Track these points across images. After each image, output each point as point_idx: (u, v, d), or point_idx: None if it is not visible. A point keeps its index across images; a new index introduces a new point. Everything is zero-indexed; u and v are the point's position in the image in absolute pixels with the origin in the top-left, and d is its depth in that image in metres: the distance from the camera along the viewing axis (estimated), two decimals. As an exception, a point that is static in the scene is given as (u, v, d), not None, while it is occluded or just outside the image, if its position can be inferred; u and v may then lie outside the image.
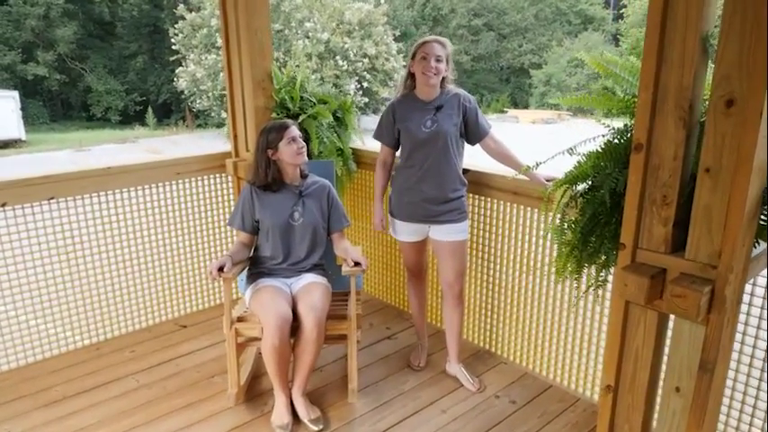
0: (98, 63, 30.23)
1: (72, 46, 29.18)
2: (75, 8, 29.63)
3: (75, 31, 29.08)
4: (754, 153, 1.30)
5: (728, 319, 1.45)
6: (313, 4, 22.11)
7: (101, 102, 29.12)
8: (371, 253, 3.45)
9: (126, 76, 30.40)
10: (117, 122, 28.82)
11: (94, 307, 2.96)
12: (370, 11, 22.28)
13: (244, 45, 2.97)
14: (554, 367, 2.60)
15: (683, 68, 1.40)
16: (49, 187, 2.70)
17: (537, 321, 2.61)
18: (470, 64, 37.61)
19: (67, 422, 2.33)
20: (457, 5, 37.64)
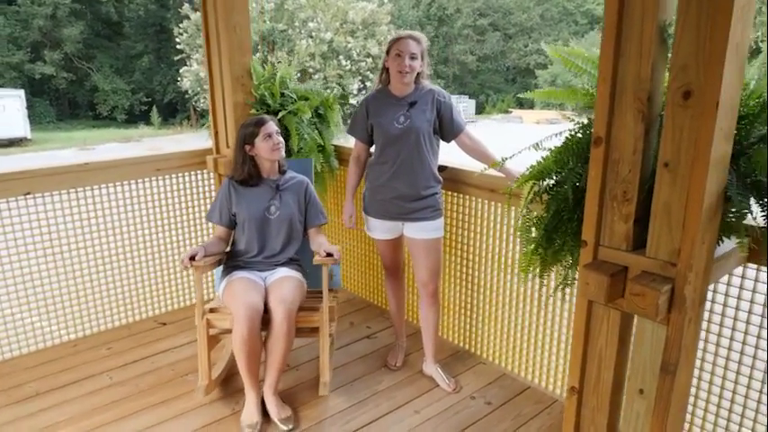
0: (105, 62, 30.39)
1: (79, 45, 29.35)
2: (82, 8, 29.79)
3: (82, 30, 29.24)
4: (711, 146, 1.25)
5: (690, 319, 1.41)
6: (317, 3, 22.10)
7: (107, 101, 29.27)
8: (354, 251, 3.41)
9: (132, 76, 30.54)
10: (123, 121, 28.97)
11: (72, 303, 2.94)
12: (373, 10, 22.26)
13: (223, 42, 2.94)
14: (532, 368, 2.55)
15: (640, 59, 1.35)
16: (25, 182, 2.69)
17: (515, 321, 2.57)
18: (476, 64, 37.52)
19: (38, 419, 2.31)
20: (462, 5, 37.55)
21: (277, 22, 21.47)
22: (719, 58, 1.21)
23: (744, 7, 1.21)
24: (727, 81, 1.23)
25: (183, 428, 2.25)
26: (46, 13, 28.15)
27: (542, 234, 1.68)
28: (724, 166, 1.34)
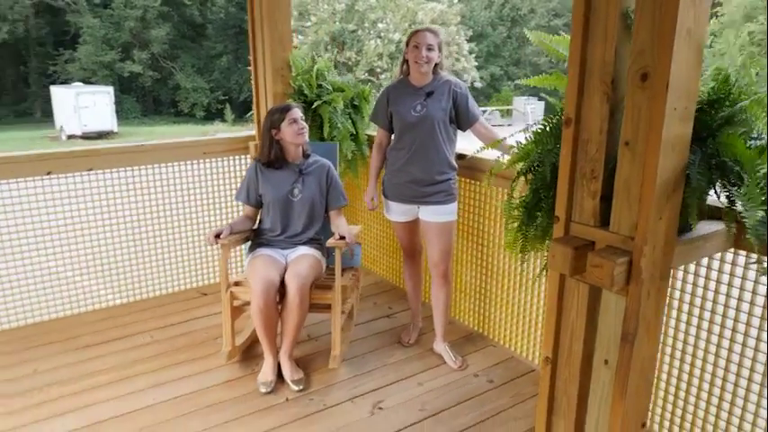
0: (187, 62, 32.10)
1: (165, 46, 31.18)
2: (169, 11, 31.63)
3: (168, 32, 31.05)
4: (663, 125, 1.32)
5: (649, 292, 1.47)
6: (387, 4, 22.43)
7: (188, 98, 30.92)
8: (382, 237, 3.58)
9: (211, 75, 32.09)
10: (201, 118, 30.48)
11: (125, 271, 3.28)
12: (443, 11, 22.33)
13: (266, 37, 3.18)
14: (537, 352, 2.62)
15: (605, 44, 1.44)
16: (88, 160, 3.04)
17: (525, 306, 2.65)
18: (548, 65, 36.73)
19: (87, 365, 2.63)
20: (537, 6, 36.85)
21: (347, 22, 21.97)
22: (669, 42, 1.28)
23: (695, -8, 1.28)
24: (679, 64, 1.30)
25: (209, 382, 2.49)
26: (136, 15, 30.11)
27: (523, 212, 1.78)
28: (681, 146, 1.40)
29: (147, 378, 2.53)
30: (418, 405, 2.34)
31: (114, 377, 2.53)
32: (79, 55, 29.41)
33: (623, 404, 1.56)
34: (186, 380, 2.51)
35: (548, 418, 1.81)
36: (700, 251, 1.64)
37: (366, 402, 2.36)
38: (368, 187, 2.80)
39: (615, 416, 1.59)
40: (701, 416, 1.99)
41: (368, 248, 3.78)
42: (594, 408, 1.67)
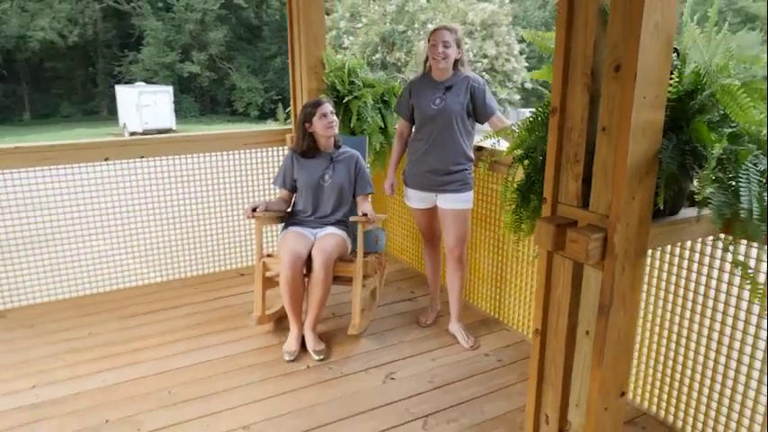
0: (243, 63, 33.14)
1: (222, 47, 32.32)
2: (227, 13, 32.76)
3: (225, 34, 32.18)
4: (632, 112, 1.45)
5: (624, 267, 1.60)
6: (438, 5, 22.52)
7: (243, 98, 31.92)
8: (409, 226, 3.75)
9: (266, 75, 33.02)
10: (255, 117, 31.41)
11: (171, 251, 3.60)
12: (494, 11, 22.23)
13: (302, 36, 3.42)
14: (547, 335, 2.73)
15: (585, 39, 1.58)
16: (141, 148, 3.37)
17: (536, 291, 2.77)
18: (604, 66, 35.77)
19: (134, 331, 2.94)
20: (593, 5, 36.00)
21: (398, 23, 22.20)
22: (637, 35, 1.41)
23: (662, -9, 1.41)
24: (647, 55, 1.43)
25: (240, 349, 2.75)
26: (196, 18, 31.36)
27: (518, 195, 1.93)
28: (653, 132, 1.52)
29: (186, 343, 2.80)
30: (428, 377, 2.51)
31: (157, 342, 2.82)
32: (142, 56, 30.90)
33: (601, 372, 1.69)
34: (220, 346, 2.77)
35: (538, 386, 1.95)
36: (682, 233, 1.75)
37: (380, 373, 2.55)
38: (388, 174, 2.99)
39: (594, 383, 1.72)
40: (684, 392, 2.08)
41: (396, 237, 3.97)
42: (578, 376, 1.80)
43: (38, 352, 2.74)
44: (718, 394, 1.99)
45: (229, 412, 2.26)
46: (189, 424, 2.18)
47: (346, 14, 23.09)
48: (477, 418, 2.22)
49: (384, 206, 3.94)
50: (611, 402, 1.74)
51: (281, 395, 2.37)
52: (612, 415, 1.76)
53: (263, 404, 2.31)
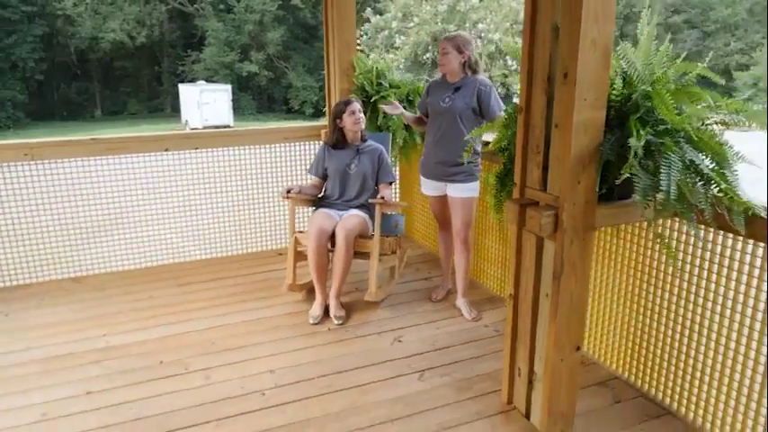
0: (299, 62, 34.11)
1: (279, 47, 33.40)
2: (284, 14, 33.83)
3: (282, 34, 33.24)
4: (574, 111, 1.79)
5: (573, 240, 1.93)
6: (490, 4, 22.59)
7: (298, 96, 32.87)
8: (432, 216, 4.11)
9: (320, 74, 33.81)
10: (309, 115, 32.30)
11: (219, 232, 4.11)
12: (546, 10, 22.04)
13: (336, 42, 3.85)
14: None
15: (544, 51, 1.92)
16: (194, 141, 3.90)
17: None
18: (664, 64, 34.74)
19: (187, 296, 3.45)
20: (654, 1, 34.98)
21: (449, 23, 22.43)
22: (576, 49, 1.75)
23: (598, 14, 1.74)
24: (585, 65, 1.77)
25: (273, 313, 3.20)
26: (255, 18, 32.54)
27: (497, 181, 2.29)
28: (594, 128, 1.85)
29: (228, 307, 3.29)
30: (431, 341, 2.89)
31: (205, 305, 3.31)
32: (204, 56, 32.36)
33: (555, 328, 2.03)
34: (256, 310, 3.24)
35: (512, 344, 2.30)
36: (631, 215, 2.05)
37: (389, 336, 2.95)
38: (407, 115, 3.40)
39: (550, 337, 2.06)
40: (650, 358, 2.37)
41: (419, 226, 4.35)
42: (542, 334, 2.14)
43: (107, 309, 3.29)
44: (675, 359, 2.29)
45: (259, 360, 2.71)
46: (226, 367, 2.65)
47: (398, 14, 23.51)
48: (468, 374, 2.58)
49: (411, 197, 4.33)
50: (566, 354, 2.07)
51: (303, 349, 2.81)
52: (568, 365, 2.09)
53: (287, 355, 2.75)
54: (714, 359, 2.12)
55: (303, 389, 2.47)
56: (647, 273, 2.35)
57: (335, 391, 2.46)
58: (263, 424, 2.24)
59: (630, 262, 2.43)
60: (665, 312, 2.30)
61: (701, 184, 1.83)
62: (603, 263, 2.56)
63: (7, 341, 2.92)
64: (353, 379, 2.55)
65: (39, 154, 3.49)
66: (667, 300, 2.28)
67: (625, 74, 1.89)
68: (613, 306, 2.56)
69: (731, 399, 2.07)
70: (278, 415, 2.29)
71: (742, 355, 2.01)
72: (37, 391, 2.48)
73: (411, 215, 4.45)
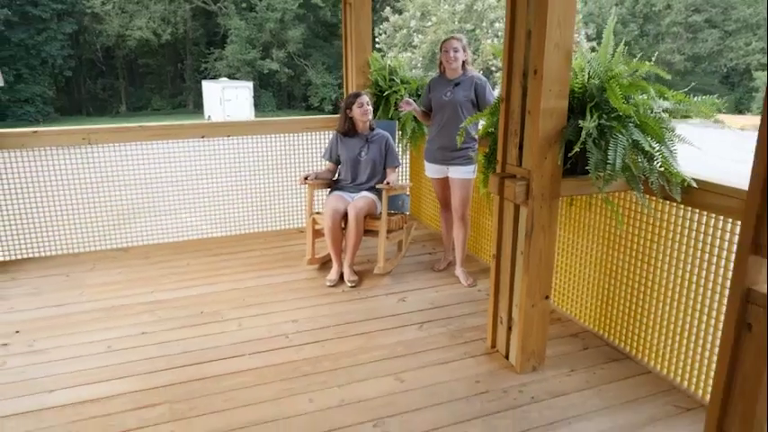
0: (318, 60, 34.67)
1: (299, 45, 33.98)
2: (305, 12, 34.41)
3: (302, 32, 33.83)
4: (540, 100, 2.23)
5: (541, 205, 2.38)
6: (507, 4, 22.82)
7: (317, 93, 33.44)
8: (438, 198, 4.57)
9: (339, 72, 34.40)
10: (328, 111, 32.84)
11: (245, 212, 4.61)
12: (563, 9, 22.27)
13: (354, 42, 4.32)
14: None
15: (520, 51, 2.36)
16: (227, 129, 4.39)
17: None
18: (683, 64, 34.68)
19: (220, 264, 3.95)
20: (674, 1, 34.87)
21: (466, 22, 22.78)
22: (542, 50, 2.19)
23: (560, 20, 2.17)
24: (550, 63, 2.20)
25: (294, 278, 3.68)
26: (276, 17, 33.15)
27: (485, 159, 2.73)
28: (558, 114, 2.28)
29: (255, 273, 3.78)
30: (429, 300, 3.34)
31: (234, 271, 3.81)
32: (226, 53, 33.09)
33: (527, 279, 2.47)
34: (280, 276, 3.73)
35: (495, 297, 2.75)
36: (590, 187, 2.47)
37: (395, 296, 3.41)
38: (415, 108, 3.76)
39: (522, 287, 2.50)
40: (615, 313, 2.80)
41: (425, 208, 4.80)
42: (517, 286, 2.58)
43: (152, 273, 3.80)
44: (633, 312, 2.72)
45: (283, 312, 3.19)
46: (255, 317, 3.13)
47: (417, 14, 23.91)
48: (460, 327, 3.04)
49: (418, 182, 4.78)
50: (537, 301, 2.52)
51: (320, 305, 3.29)
52: (539, 311, 2.54)
53: (306, 309, 3.23)
54: (663, 310, 2.54)
55: (320, 334, 2.95)
56: (612, 240, 2.78)
57: (347, 336, 2.93)
58: (287, 357, 2.71)
59: (599, 231, 2.86)
60: (626, 273, 2.73)
61: (646, 159, 2.27)
62: (578, 233, 3.00)
63: (72, 295, 3.44)
64: (362, 328, 3.02)
65: (95, 139, 4.01)
66: (627, 262, 2.71)
67: (586, 72, 2.33)
68: (585, 270, 2.99)
69: (675, 343, 2.49)
70: (299, 352, 2.77)
71: (683, 306, 2.43)
72: (102, 331, 2.99)
73: (418, 199, 4.91)
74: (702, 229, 2.32)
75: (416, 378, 2.55)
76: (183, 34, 35.49)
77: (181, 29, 35.10)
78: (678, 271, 2.45)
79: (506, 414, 2.30)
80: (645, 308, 2.64)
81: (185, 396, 2.41)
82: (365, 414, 2.29)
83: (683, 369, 2.47)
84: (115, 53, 34.89)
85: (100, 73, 35.93)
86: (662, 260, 2.52)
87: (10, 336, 2.95)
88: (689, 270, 2.40)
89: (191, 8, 35.01)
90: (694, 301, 2.39)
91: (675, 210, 2.43)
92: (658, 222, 2.52)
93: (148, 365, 2.65)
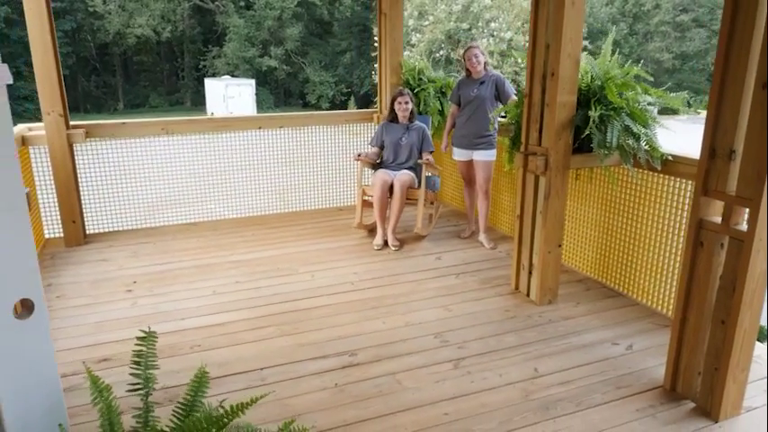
0: (315, 58, 35.29)
1: (297, 43, 34.57)
2: (302, 10, 35.03)
3: (300, 30, 34.44)
4: (557, 95, 3.01)
5: (556, 175, 3.16)
6: (502, 4, 23.66)
7: (315, 91, 34.08)
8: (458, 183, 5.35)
9: (336, 70, 35.08)
10: (325, 109, 33.57)
11: (300, 192, 5.37)
12: (556, 10, 23.09)
13: (388, 46, 5.09)
14: (540, 241, 4.28)
15: (540, 59, 3.14)
16: (280, 121, 5.15)
17: (534, 214, 4.31)
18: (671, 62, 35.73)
19: (281, 234, 4.71)
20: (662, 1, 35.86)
21: (462, 21, 23.56)
22: (558, 59, 2.97)
23: (571, 37, 2.95)
24: (564, 68, 2.98)
25: (346, 243, 4.45)
26: (274, 15, 33.74)
27: (510, 142, 3.52)
28: (569, 106, 3.06)
29: (312, 240, 4.55)
30: (462, 259, 4.13)
31: (294, 239, 4.58)
32: (225, 51, 33.65)
33: (545, 231, 3.25)
34: (333, 242, 4.50)
35: (518, 249, 3.52)
36: (593, 161, 3.26)
37: (432, 256, 4.19)
38: (443, 139, 4.61)
39: (541, 238, 3.28)
40: (613, 263, 3.60)
41: (447, 190, 5.59)
42: (536, 238, 3.36)
43: (224, 241, 4.55)
44: (624, 259, 3.51)
45: (344, 267, 3.96)
46: (323, 270, 3.90)
47: (414, 13, 24.65)
48: (488, 276, 3.82)
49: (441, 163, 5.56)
50: (552, 248, 3.31)
51: (373, 262, 4.06)
52: (553, 257, 3.33)
53: (363, 265, 4.00)
54: (647, 256, 3.33)
55: (377, 281, 3.73)
56: (607, 204, 3.58)
57: (399, 283, 3.71)
58: (356, 297, 3.49)
59: (597, 198, 3.65)
60: (618, 230, 3.52)
61: (634, 140, 3.06)
62: (580, 200, 3.79)
63: (166, 257, 4.19)
64: (411, 277, 3.80)
65: (172, 129, 4.75)
66: (619, 221, 3.50)
67: (590, 74, 3.12)
68: (585, 230, 3.78)
69: (656, 280, 3.29)
70: (364, 293, 3.54)
71: (662, 251, 3.23)
72: (202, 281, 3.74)
73: (444, 184, 5.69)
74: (676, 191, 3.11)
75: (460, 308, 3.33)
76: (181, 32, 35.97)
77: (179, 26, 35.59)
78: (658, 224, 3.24)
79: (532, 329, 3.08)
80: (634, 256, 3.44)
81: (286, 321, 3.18)
82: (426, 330, 3.07)
83: (660, 299, 3.27)
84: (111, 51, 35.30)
85: (94, 70, 36.30)
86: (646, 217, 3.32)
87: (130, 285, 3.69)
88: (666, 223, 3.20)
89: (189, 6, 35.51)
90: (670, 247, 3.19)
91: (656, 178, 3.22)
92: (643, 188, 3.31)
93: (250, 303, 3.41)
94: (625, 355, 2.81)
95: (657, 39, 36.16)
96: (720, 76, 2.15)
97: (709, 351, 2.33)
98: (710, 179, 2.24)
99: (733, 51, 2.11)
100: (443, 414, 2.34)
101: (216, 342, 2.95)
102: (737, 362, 2.24)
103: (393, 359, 2.77)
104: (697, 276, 2.36)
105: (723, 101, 2.16)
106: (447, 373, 2.65)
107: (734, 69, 2.11)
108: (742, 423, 2.29)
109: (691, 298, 2.39)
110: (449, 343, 2.93)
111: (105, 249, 4.38)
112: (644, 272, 3.38)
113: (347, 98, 32.71)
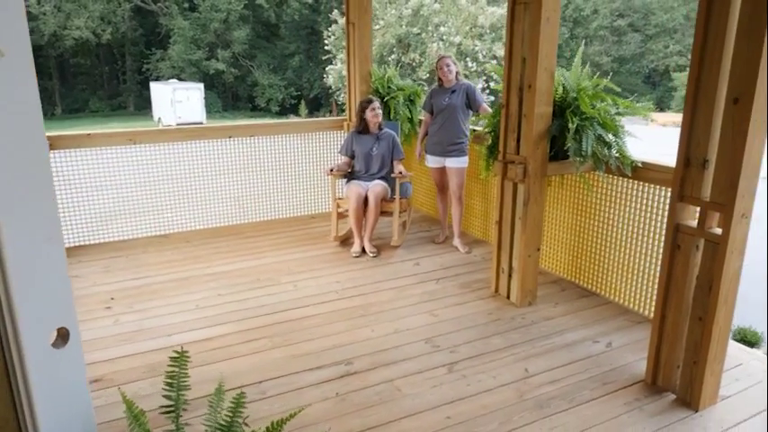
0: (263, 61, 34.86)
1: (244, 46, 34.06)
2: (248, 13, 34.53)
3: (247, 33, 33.94)
4: (534, 107, 3.15)
5: (534, 182, 3.30)
6: (450, 9, 24.09)
7: (264, 94, 33.65)
8: (431, 188, 5.46)
9: (285, 73, 34.76)
10: (275, 112, 33.18)
11: (271, 201, 5.34)
12: (502, 15, 23.76)
13: (358, 55, 5.15)
14: (512, 244, 4.44)
15: (517, 72, 3.28)
16: (252, 129, 5.11)
17: (506, 219, 4.47)
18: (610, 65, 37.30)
19: (253, 244, 4.68)
20: (600, 6, 37.34)
21: (412, 26, 23.85)
22: (535, 72, 3.11)
23: (547, 53, 3.10)
24: (540, 80, 3.13)
25: (324, 252, 4.48)
26: (220, 17, 33.11)
27: (488, 151, 3.65)
28: (546, 117, 3.22)
29: (289, 249, 4.55)
30: (438, 264, 4.23)
31: (272, 249, 4.56)
32: (170, 54, 32.77)
33: (525, 236, 3.40)
34: (310, 251, 4.52)
35: (498, 254, 3.66)
36: (568, 168, 3.43)
37: (410, 262, 4.28)
38: (416, 147, 4.71)
39: (521, 242, 3.43)
40: (588, 265, 3.78)
41: (420, 195, 5.69)
42: (516, 242, 3.50)
43: (199, 253, 4.49)
44: (597, 260, 3.70)
45: (327, 276, 4.00)
46: (305, 280, 3.92)
47: (364, 17, 24.72)
48: (467, 280, 3.94)
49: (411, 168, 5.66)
50: (531, 252, 3.45)
51: (353, 270, 4.11)
52: (533, 260, 3.47)
53: (344, 273, 4.05)
54: (618, 257, 3.53)
55: (361, 289, 3.78)
56: (580, 209, 3.76)
57: (383, 290, 3.77)
58: (342, 305, 3.53)
59: (570, 204, 3.83)
60: (590, 232, 3.71)
61: (607, 148, 3.24)
62: (554, 205, 3.96)
63: (138, 271, 4.11)
64: (392, 284, 3.87)
65: (139, 139, 4.65)
66: (591, 224, 3.69)
67: (563, 86, 3.28)
68: (560, 233, 3.96)
69: (627, 279, 3.49)
70: (349, 301, 3.59)
71: (632, 252, 3.42)
72: (184, 295, 3.70)
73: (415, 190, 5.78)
74: (645, 196, 3.31)
75: (445, 313, 3.43)
76: (122, 34, 34.80)
77: (120, 28, 34.42)
78: (628, 227, 3.44)
79: (516, 331, 3.21)
80: (605, 256, 3.63)
81: (277, 332, 3.19)
82: (416, 336, 3.15)
83: (633, 297, 3.47)
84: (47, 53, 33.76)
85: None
86: (617, 220, 3.52)
87: (108, 302, 3.61)
88: (637, 226, 3.40)
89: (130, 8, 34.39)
90: (640, 248, 3.39)
91: (627, 183, 3.42)
92: (614, 193, 3.50)
93: (237, 315, 3.40)
94: (606, 353, 2.98)
95: (597, 43, 37.68)
96: (693, 91, 2.33)
97: (688, 346, 2.51)
98: (686, 186, 2.42)
99: (704, 68, 2.29)
100: (446, 418, 2.42)
101: (209, 357, 2.93)
102: (714, 355, 2.43)
103: (389, 366, 2.84)
104: (675, 277, 2.54)
105: (696, 114, 2.34)
106: (443, 377, 2.74)
107: (705, 85, 2.29)
108: (719, 410, 2.48)
109: (669, 297, 2.57)
110: (440, 348, 3.02)
111: (75, 265, 4.25)
112: (616, 271, 3.57)
113: (297, 102, 32.48)
